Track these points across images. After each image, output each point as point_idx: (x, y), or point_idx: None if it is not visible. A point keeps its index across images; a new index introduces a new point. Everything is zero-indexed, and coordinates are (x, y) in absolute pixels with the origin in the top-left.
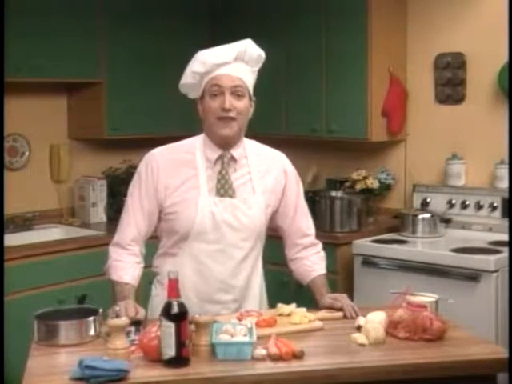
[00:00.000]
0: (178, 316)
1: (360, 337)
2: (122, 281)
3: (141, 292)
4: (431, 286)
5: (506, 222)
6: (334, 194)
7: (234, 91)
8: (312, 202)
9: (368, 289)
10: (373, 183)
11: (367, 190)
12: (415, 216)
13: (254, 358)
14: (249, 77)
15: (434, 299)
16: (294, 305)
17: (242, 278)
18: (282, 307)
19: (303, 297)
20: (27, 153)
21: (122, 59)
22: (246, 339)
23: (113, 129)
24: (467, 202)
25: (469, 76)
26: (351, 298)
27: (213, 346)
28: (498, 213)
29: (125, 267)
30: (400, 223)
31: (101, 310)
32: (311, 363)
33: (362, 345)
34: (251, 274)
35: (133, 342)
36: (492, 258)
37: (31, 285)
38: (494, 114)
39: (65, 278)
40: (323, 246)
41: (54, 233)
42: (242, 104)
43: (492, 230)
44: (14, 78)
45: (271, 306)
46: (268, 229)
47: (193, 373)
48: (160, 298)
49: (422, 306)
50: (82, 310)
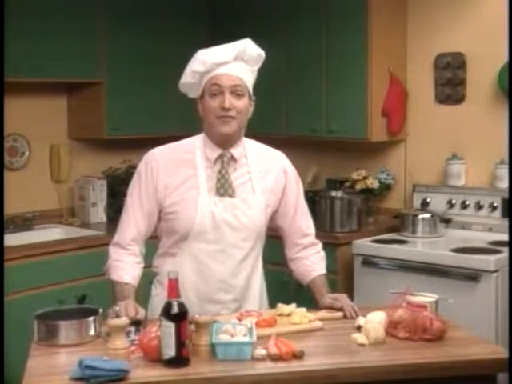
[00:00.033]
0: (178, 316)
1: (360, 337)
2: (122, 281)
3: (141, 292)
4: (431, 286)
5: (506, 222)
6: (333, 194)
7: (234, 90)
8: (312, 201)
9: (368, 289)
10: (373, 183)
11: (367, 190)
12: (415, 216)
13: (254, 358)
14: (248, 76)
15: (434, 299)
16: (293, 305)
17: (242, 278)
18: (282, 307)
19: (303, 297)
20: (27, 153)
21: (122, 59)
22: (246, 339)
23: (113, 129)
24: (467, 202)
25: (469, 76)
26: (351, 297)
27: (213, 346)
28: (498, 213)
29: (125, 267)
30: (400, 223)
31: (101, 310)
32: (311, 363)
33: (362, 345)
34: (251, 274)
35: (133, 341)
36: (492, 258)
37: (31, 285)
38: (494, 113)
39: (65, 278)
40: (323, 245)
41: (53, 233)
42: (241, 103)
43: (492, 230)
44: (13, 78)
45: (271, 306)
46: (268, 229)
47: (193, 373)
48: (160, 297)
49: (422, 306)
50: (82, 309)
